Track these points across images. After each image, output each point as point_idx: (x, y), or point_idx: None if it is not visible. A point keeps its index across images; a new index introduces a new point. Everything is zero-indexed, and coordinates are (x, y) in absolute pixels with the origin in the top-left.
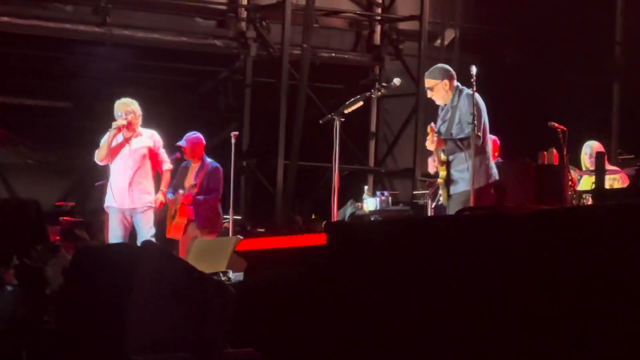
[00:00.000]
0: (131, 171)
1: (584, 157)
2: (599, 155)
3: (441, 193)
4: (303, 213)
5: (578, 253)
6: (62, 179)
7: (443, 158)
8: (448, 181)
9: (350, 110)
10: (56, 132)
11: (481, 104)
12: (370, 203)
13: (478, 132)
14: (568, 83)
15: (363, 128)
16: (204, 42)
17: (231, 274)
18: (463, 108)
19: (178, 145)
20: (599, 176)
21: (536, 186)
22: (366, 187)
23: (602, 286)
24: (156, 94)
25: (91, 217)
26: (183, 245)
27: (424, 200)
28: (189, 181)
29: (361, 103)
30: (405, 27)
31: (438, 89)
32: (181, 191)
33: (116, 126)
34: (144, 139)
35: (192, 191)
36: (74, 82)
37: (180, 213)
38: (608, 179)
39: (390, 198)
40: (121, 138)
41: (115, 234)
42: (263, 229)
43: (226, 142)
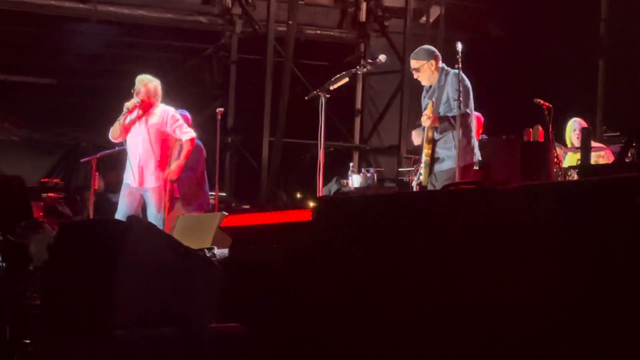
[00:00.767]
0: (141, 149)
1: (571, 134)
2: (585, 131)
3: (422, 172)
4: (288, 189)
5: (563, 227)
6: (48, 156)
7: (430, 136)
8: (433, 159)
9: (335, 86)
10: (41, 109)
11: (467, 83)
12: (355, 180)
13: (467, 109)
14: (553, 60)
15: (348, 105)
16: (189, 19)
17: (216, 250)
18: (450, 88)
19: None
20: (585, 153)
21: (522, 163)
22: (351, 164)
23: (587, 260)
24: (141, 71)
25: (75, 194)
26: (169, 223)
27: (409, 177)
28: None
29: (346, 80)
30: (390, 4)
31: (424, 70)
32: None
33: (128, 106)
34: (155, 117)
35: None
36: (59, 59)
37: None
38: (593, 156)
39: (375, 175)
40: (135, 115)
41: (120, 210)
42: (248, 205)
43: (212, 119)
